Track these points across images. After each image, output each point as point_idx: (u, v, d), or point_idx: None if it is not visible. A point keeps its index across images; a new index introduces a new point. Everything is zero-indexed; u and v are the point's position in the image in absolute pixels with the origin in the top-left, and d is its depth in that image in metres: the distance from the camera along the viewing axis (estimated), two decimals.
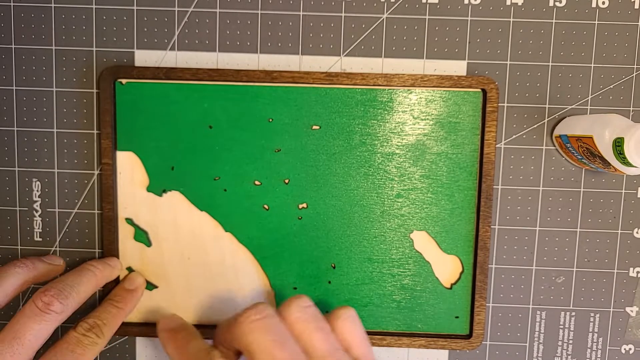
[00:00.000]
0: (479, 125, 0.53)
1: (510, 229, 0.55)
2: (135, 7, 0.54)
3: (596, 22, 0.53)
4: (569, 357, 0.56)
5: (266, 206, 0.54)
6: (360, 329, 0.46)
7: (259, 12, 0.54)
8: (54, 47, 0.54)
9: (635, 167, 0.44)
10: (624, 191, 0.54)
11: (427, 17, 0.53)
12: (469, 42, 0.54)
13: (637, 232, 0.55)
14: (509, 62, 0.54)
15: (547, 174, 0.54)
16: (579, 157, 0.51)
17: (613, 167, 0.46)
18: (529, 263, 0.55)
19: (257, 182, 0.54)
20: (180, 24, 0.54)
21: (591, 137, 0.47)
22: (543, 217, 0.55)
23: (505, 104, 0.54)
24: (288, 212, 0.54)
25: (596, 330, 0.56)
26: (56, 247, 0.56)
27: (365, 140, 0.53)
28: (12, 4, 0.54)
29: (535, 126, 0.54)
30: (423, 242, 0.55)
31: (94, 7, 0.54)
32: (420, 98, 0.53)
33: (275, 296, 0.55)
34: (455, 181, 0.54)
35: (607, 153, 0.46)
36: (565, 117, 0.53)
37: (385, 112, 0.53)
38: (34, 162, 0.55)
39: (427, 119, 0.53)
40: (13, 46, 0.54)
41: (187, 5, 0.53)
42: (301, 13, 0.53)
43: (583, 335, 0.56)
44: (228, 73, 0.52)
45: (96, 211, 0.55)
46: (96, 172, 0.55)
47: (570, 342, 0.56)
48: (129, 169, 0.54)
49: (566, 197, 0.55)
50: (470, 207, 0.54)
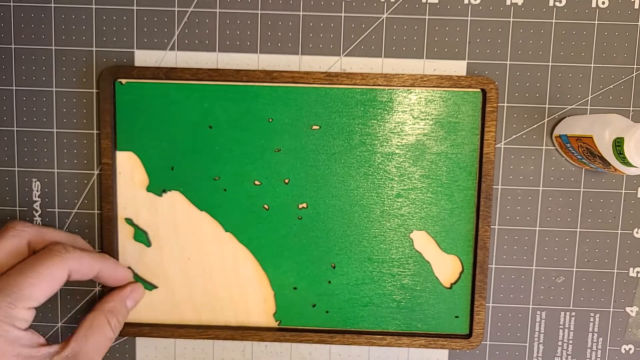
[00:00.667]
0: (478, 125, 0.53)
1: (510, 229, 0.55)
2: (135, 7, 0.54)
3: (596, 22, 0.53)
4: (569, 357, 0.56)
5: (266, 206, 0.54)
6: None
7: (259, 12, 0.54)
8: (53, 47, 0.54)
9: (635, 167, 0.44)
10: (624, 191, 0.54)
11: (427, 17, 0.53)
12: (469, 42, 0.54)
13: (637, 232, 0.55)
14: (508, 62, 0.54)
15: (547, 174, 0.54)
16: (579, 157, 0.51)
17: (613, 167, 0.46)
18: (529, 263, 0.55)
19: (257, 182, 0.54)
20: (180, 24, 0.54)
21: (591, 137, 0.47)
22: (543, 217, 0.55)
23: (505, 104, 0.54)
24: (288, 212, 0.54)
25: (596, 330, 0.56)
26: None
27: (365, 140, 0.54)
28: (12, 4, 0.54)
29: (535, 126, 0.54)
30: (423, 242, 0.55)
31: (94, 7, 0.54)
32: (420, 98, 0.53)
33: (275, 296, 0.55)
34: (455, 181, 0.54)
35: (607, 153, 0.46)
36: (565, 117, 0.53)
37: (385, 112, 0.53)
38: (34, 162, 0.55)
39: (427, 119, 0.53)
40: (13, 46, 0.54)
41: (187, 5, 0.53)
42: (301, 13, 0.53)
43: (583, 335, 0.56)
44: (228, 73, 0.52)
45: (96, 211, 0.55)
46: (96, 172, 0.55)
47: (570, 342, 0.56)
48: (129, 169, 0.54)
49: (566, 197, 0.55)
50: (470, 207, 0.54)
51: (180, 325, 0.56)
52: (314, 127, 0.53)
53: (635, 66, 0.53)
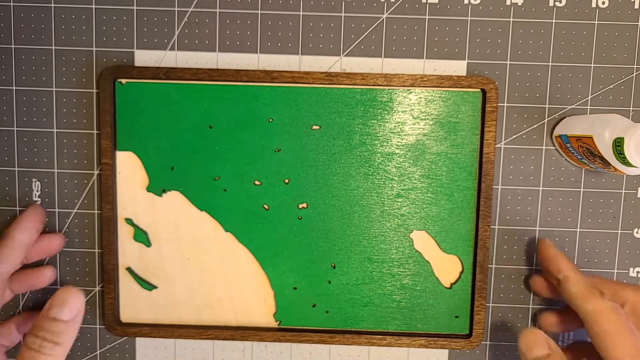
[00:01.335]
0: (478, 125, 0.53)
1: (510, 229, 0.55)
2: (135, 7, 0.54)
3: (596, 22, 0.53)
4: None
5: (266, 206, 0.54)
6: None
7: (259, 12, 0.54)
8: (53, 47, 0.54)
9: (635, 167, 0.44)
10: (624, 191, 0.54)
11: (427, 17, 0.53)
12: (469, 42, 0.54)
13: (637, 232, 0.55)
14: (508, 62, 0.54)
15: (547, 174, 0.54)
16: (579, 157, 0.51)
17: (613, 167, 0.46)
18: (529, 263, 0.55)
19: (257, 182, 0.54)
20: (180, 24, 0.54)
21: (591, 137, 0.47)
22: (543, 217, 0.55)
23: (505, 104, 0.54)
24: (288, 212, 0.54)
25: None
26: None
27: (365, 140, 0.54)
28: (12, 4, 0.54)
29: (535, 126, 0.54)
30: (423, 242, 0.55)
31: (94, 7, 0.54)
32: (420, 98, 0.53)
33: (275, 296, 0.55)
34: (455, 181, 0.54)
35: (607, 153, 0.46)
36: (565, 117, 0.53)
37: (385, 112, 0.53)
38: (34, 162, 0.55)
39: (427, 118, 0.53)
40: (13, 46, 0.54)
41: (187, 5, 0.53)
42: (301, 13, 0.53)
43: (583, 335, 0.56)
44: (228, 73, 0.52)
45: (96, 211, 0.55)
46: (96, 172, 0.55)
47: (570, 342, 0.56)
48: (129, 169, 0.54)
49: (566, 197, 0.55)
50: (470, 207, 0.54)
51: (180, 326, 0.56)
52: (314, 127, 0.53)
53: (635, 66, 0.53)
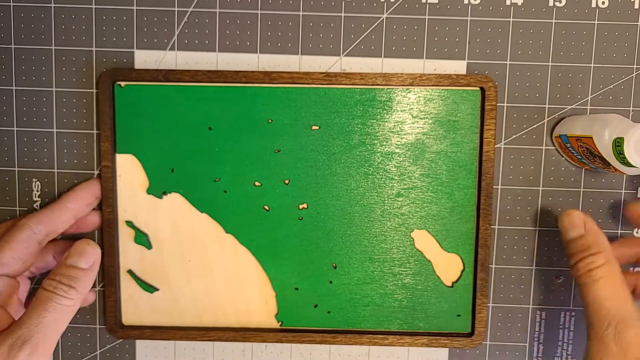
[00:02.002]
0: (478, 123, 0.53)
1: (510, 229, 0.55)
2: (135, 7, 0.54)
3: (596, 22, 0.53)
4: (569, 357, 0.57)
5: (266, 207, 0.54)
6: None
7: (259, 12, 0.53)
8: (53, 47, 0.54)
9: (635, 167, 0.44)
10: (623, 191, 0.55)
11: (427, 17, 0.53)
12: (469, 42, 0.54)
13: (637, 232, 0.55)
14: (508, 62, 0.54)
15: (547, 174, 0.54)
16: (579, 157, 0.51)
17: (613, 167, 0.46)
18: (529, 263, 0.55)
19: (257, 183, 0.54)
20: (180, 24, 0.54)
21: (591, 137, 0.47)
22: (543, 217, 0.55)
23: (505, 104, 0.54)
24: (288, 213, 0.54)
25: None
26: None
27: (365, 139, 0.54)
28: (12, 4, 0.54)
29: (535, 126, 0.54)
30: (424, 241, 0.55)
31: (93, 7, 0.54)
32: (419, 97, 0.53)
33: (277, 297, 0.55)
34: (455, 180, 0.54)
35: (607, 153, 0.46)
36: (565, 117, 0.53)
37: (385, 111, 0.53)
38: (34, 162, 0.55)
39: (426, 117, 0.53)
40: (13, 46, 0.54)
41: (187, 5, 0.53)
42: (301, 13, 0.53)
43: (583, 335, 0.56)
44: (227, 74, 0.52)
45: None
46: (96, 172, 0.55)
47: (570, 342, 0.56)
48: (129, 171, 0.54)
49: (566, 197, 0.55)
50: (470, 205, 0.54)
51: (181, 328, 0.56)
52: (314, 127, 0.53)
53: (635, 66, 0.53)
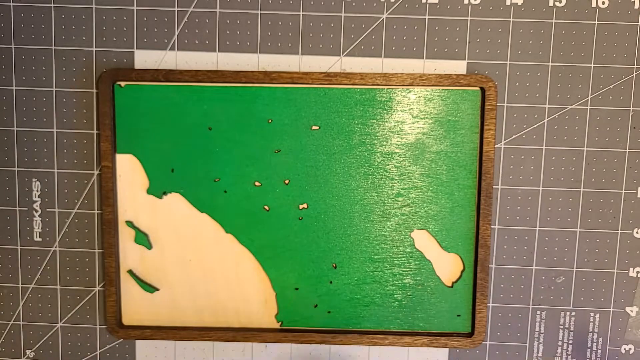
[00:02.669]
0: (478, 123, 0.53)
1: (510, 229, 0.55)
2: (135, 7, 0.54)
3: (596, 22, 0.53)
4: (569, 357, 0.57)
5: (267, 207, 0.54)
6: None
7: (259, 12, 0.53)
8: (53, 47, 0.54)
9: None
10: (624, 191, 0.55)
11: (427, 17, 0.53)
12: (469, 42, 0.54)
13: (637, 232, 0.55)
14: (508, 62, 0.54)
15: (547, 174, 0.54)
16: None
17: None
18: (529, 263, 0.55)
19: (257, 183, 0.54)
20: (180, 24, 0.54)
21: None
22: (543, 217, 0.55)
23: (505, 104, 0.54)
24: (288, 213, 0.54)
25: (596, 330, 0.56)
26: (56, 247, 0.56)
27: (365, 139, 0.54)
28: (12, 4, 0.54)
29: (535, 126, 0.54)
30: (424, 241, 0.55)
31: (93, 7, 0.54)
32: (419, 97, 0.53)
33: (277, 297, 0.55)
34: (455, 179, 0.54)
35: None
36: None
37: (385, 111, 0.53)
38: (34, 162, 0.55)
39: (427, 117, 0.53)
40: (13, 46, 0.54)
41: (187, 5, 0.53)
42: (301, 13, 0.53)
43: (583, 335, 0.56)
44: (227, 74, 0.52)
45: (96, 211, 0.55)
46: (96, 172, 0.55)
47: (570, 342, 0.56)
48: (129, 171, 0.54)
49: (566, 197, 0.55)
50: (471, 205, 0.54)
51: (182, 328, 0.56)
52: (314, 127, 0.53)
53: (635, 66, 0.53)
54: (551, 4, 0.53)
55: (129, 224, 0.55)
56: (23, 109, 0.55)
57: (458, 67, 0.54)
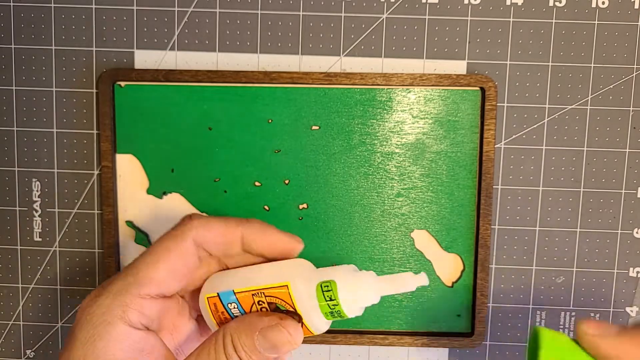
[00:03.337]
0: (478, 123, 0.53)
1: (510, 229, 0.55)
2: (135, 7, 0.54)
3: (596, 22, 0.53)
4: None
5: (266, 207, 0.54)
6: None
7: (259, 12, 0.53)
8: (53, 47, 0.54)
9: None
10: (624, 191, 0.55)
11: (427, 17, 0.53)
12: (469, 42, 0.54)
13: (637, 232, 0.55)
14: (508, 62, 0.54)
15: (547, 174, 0.54)
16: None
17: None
18: (529, 263, 0.55)
19: (257, 183, 0.54)
20: (180, 24, 0.54)
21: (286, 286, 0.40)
22: (543, 217, 0.55)
23: (505, 104, 0.54)
24: (288, 213, 0.54)
25: None
26: (56, 247, 0.56)
27: (365, 139, 0.54)
28: (12, 4, 0.54)
29: (535, 126, 0.54)
30: (424, 241, 0.55)
31: (93, 7, 0.54)
32: (419, 97, 0.53)
33: None
34: (455, 179, 0.54)
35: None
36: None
37: (385, 111, 0.53)
38: (34, 162, 0.55)
39: (427, 117, 0.53)
40: (13, 46, 0.54)
41: (187, 5, 0.53)
42: (301, 13, 0.53)
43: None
44: (227, 74, 0.52)
45: (96, 211, 0.55)
46: (96, 172, 0.55)
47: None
48: (129, 171, 0.54)
49: (566, 197, 0.55)
50: (471, 205, 0.54)
51: None
52: (314, 127, 0.53)
53: (635, 66, 0.53)
54: (551, 4, 0.53)
55: (129, 224, 0.55)
56: (23, 109, 0.55)
57: (458, 67, 0.54)
